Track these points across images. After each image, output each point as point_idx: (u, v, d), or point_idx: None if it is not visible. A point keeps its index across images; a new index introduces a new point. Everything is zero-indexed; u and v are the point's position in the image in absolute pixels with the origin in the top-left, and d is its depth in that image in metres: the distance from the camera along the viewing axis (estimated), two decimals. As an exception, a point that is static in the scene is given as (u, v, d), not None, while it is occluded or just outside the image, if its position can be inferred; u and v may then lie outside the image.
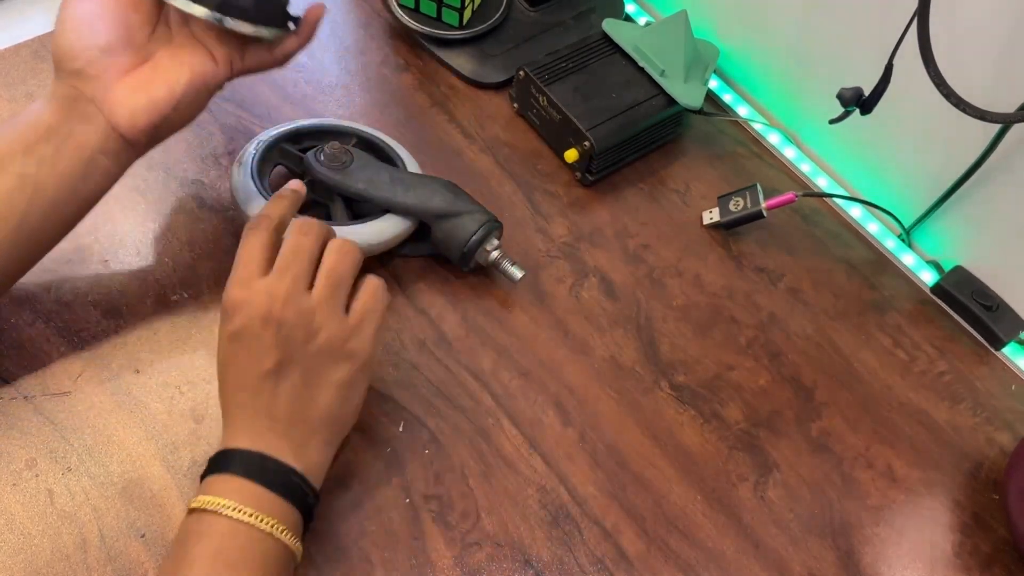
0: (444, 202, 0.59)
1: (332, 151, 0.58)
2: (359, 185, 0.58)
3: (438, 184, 0.59)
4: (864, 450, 0.59)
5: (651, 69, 0.69)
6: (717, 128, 0.75)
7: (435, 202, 0.58)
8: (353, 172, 0.58)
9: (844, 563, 0.54)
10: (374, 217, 0.58)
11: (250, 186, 0.58)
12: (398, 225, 0.59)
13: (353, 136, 0.63)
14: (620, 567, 0.52)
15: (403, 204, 0.58)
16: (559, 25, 0.77)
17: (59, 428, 0.52)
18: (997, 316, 0.64)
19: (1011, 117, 0.53)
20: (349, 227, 0.57)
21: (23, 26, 0.72)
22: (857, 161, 0.71)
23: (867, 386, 0.62)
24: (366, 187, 0.58)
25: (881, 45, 0.55)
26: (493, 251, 0.60)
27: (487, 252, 0.60)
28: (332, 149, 0.58)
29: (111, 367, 0.55)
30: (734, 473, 0.56)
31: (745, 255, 0.67)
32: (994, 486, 0.58)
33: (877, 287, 0.67)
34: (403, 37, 0.76)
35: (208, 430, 0.53)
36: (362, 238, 0.56)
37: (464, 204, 0.59)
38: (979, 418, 0.61)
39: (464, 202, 0.59)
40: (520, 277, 0.60)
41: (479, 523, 0.52)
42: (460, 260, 0.60)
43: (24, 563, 0.48)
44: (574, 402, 0.58)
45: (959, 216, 0.65)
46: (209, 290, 0.59)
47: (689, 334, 0.62)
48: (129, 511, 0.50)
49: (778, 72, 0.73)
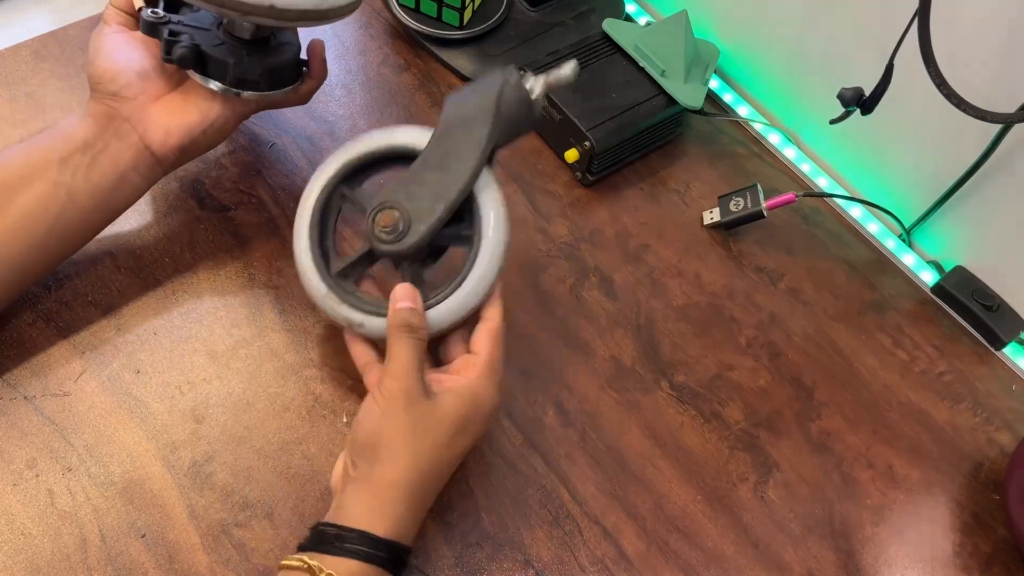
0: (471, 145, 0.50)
1: (384, 219, 0.50)
2: (423, 238, 0.50)
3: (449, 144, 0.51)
4: (864, 450, 0.59)
5: (651, 69, 0.69)
6: (717, 128, 0.75)
7: (468, 159, 0.50)
8: (415, 226, 0.50)
9: (844, 563, 0.54)
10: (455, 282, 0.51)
11: (308, 264, 0.52)
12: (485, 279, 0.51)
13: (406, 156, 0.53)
14: (620, 567, 0.52)
15: (462, 197, 0.50)
16: (559, 25, 0.77)
17: (59, 428, 0.52)
18: (997, 316, 0.64)
19: (1012, 117, 0.53)
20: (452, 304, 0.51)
21: (23, 26, 0.72)
22: (857, 161, 0.71)
23: (867, 386, 0.62)
24: (429, 229, 0.50)
25: (881, 45, 0.55)
26: (536, 88, 0.51)
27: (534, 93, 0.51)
28: (383, 216, 0.50)
29: (111, 367, 0.55)
30: (734, 473, 0.56)
31: (745, 255, 0.67)
32: (994, 486, 0.58)
33: (877, 287, 0.67)
34: (403, 37, 0.76)
35: (208, 430, 0.54)
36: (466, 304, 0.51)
37: (475, 104, 0.50)
38: (979, 418, 0.61)
39: (474, 104, 0.50)
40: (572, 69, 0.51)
41: (479, 523, 0.52)
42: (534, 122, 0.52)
43: (24, 563, 0.48)
44: (574, 402, 0.58)
45: (960, 216, 0.65)
46: (209, 290, 0.59)
47: (689, 334, 0.62)
48: (129, 511, 0.50)
49: (778, 72, 0.73)
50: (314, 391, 0.56)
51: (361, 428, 0.46)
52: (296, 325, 0.58)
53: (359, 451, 0.46)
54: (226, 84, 0.54)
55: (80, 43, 0.70)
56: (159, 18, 0.53)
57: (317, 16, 0.51)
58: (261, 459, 0.53)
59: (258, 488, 0.52)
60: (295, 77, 0.58)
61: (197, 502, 0.51)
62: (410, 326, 0.48)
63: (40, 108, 0.66)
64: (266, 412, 0.55)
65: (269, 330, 0.58)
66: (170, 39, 0.52)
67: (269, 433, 0.54)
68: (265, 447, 0.53)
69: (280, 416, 0.55)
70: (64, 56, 0.69)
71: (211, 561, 0.49)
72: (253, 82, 0.55)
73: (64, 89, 0.67)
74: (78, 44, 0.70)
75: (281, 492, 0.52)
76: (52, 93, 0.67)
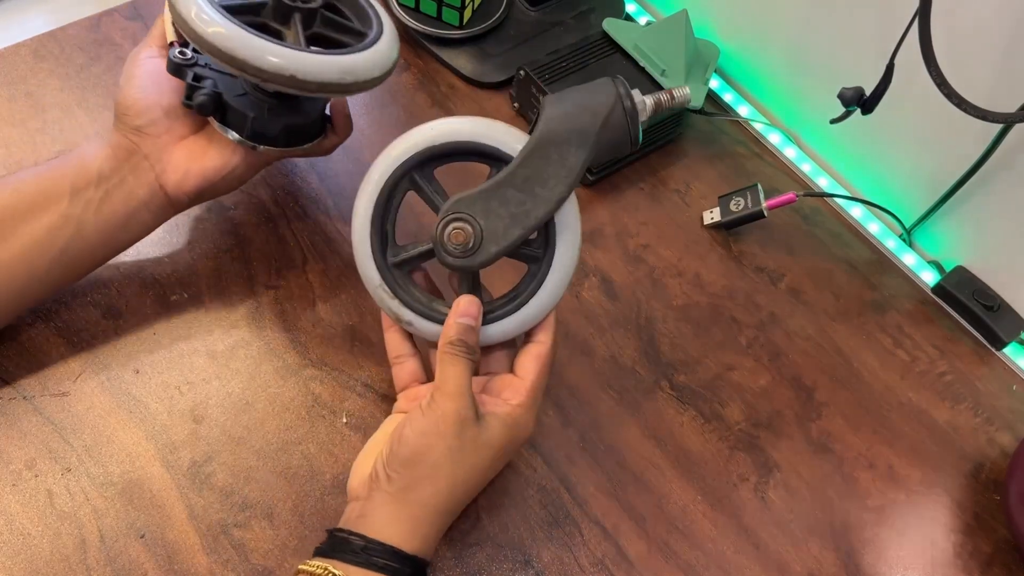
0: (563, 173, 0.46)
1: (456, 235, 0.47)
2: (492, 259, 0.47)
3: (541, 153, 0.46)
4: (865, 450, 0.58)
5: (652, 69, 0.69)
6: (717, 128, 0.75)
7: (556, 187, 0.45)
8: (486, 245, 0.47)
9: (844, 563, 0.54)
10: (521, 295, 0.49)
11: (366, 249, 0.49)
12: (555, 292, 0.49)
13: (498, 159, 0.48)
14: (620, 567, 0.52)
15: (540, 224, 0.47)
16: (559, 25, 0.77)
17: (59, 428, 0.52)
18: (998, 316, 0.64)
19: (1012, 117, 0.53)
20: (509, 324, 0.49)
21: (23, 26, 0.72)
22: (858, 161, 0.71)
23: (868, 386, 0.62)
24: (500, 251, 0.47)
25: (882, 45, 0.55)
26: (648, 100, 0.48)
27: (643, 112, 0.48)
28: (456, 233, 0.47)
29: (111, 367, 0.55)
30: (735, 473, 0.56)
31: (745, 255, 0.67)
32: (995, 487, 0.58)
33: (878, 287, 0.67)
34: (403, 37, 0.76)
35: (208, 430, 0.53)
36: (524, 326, 0.50)
37: (578, 122, 0.45)
38: (980, 418, 0.61)
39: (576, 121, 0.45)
40: (686, 95, 0.49)
41: (479, 523, 0.52)
42: (633, 145, 0.47)
43: (24, 563, 0.48)
44: (574, 402, 0.58)
45: (960, 216, 0.65)
46: (208, 290, 0.59)
47: (689, 334, 0.62)
48: (129, 511, 0.50)
49: (779, 72, 0.73)
50: (314, 391, 0.56)
51: (405, 442, 0.45)
52: (296, 325, 0.58)
53: (399, 464, 0.45)
54: (243, 136, 0.53)
55: (79, 43, 0.70)
56: (186, 60, 0.51)
57: (339, 90, 0.50)
58: (260, 459, 0.53)
59: (257, 488, 0.52)
60: (318, 132, 0.57)
61: (196, 502, 0.51)
62: (467, 345, 0.46)
63: (39, 107, 0.66)
64: (265, 412, 0.55)
65: (269, 330, 0.58)
66: (193, 83, 0.51)
67: (268, 433, 0.54)
68: (264, 447, 0.53)
69: (279, 416, 0.55)
70: (63, 56, 0.69)
71: (210, 561, 0.49)
72: (271, 138, 0.53)
73: (63, 89, 0.67)
74: (77, 44, 0.70)
75: (280, 492, 0.52)
76: (51, 93, 0.67)
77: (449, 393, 0.45)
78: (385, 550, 0.43)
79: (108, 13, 0.73)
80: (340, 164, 0.66)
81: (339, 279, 0.60)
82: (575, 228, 0.49)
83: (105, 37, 0.71)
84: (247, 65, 0.47)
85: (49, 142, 0.64)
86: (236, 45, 0.47)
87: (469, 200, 0.46)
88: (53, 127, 0.65)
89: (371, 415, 0.55)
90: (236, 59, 0.47)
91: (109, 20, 0.73)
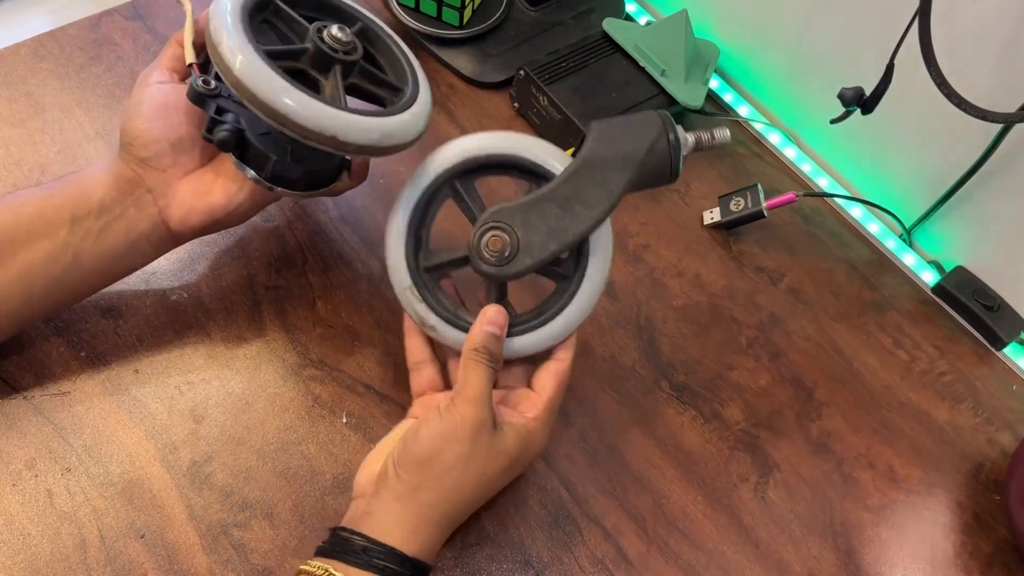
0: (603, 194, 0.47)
1: (494, 243, 0.47)
2: (526, 270, 0.48)
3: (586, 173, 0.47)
4: (865, 450, 0.58)
5: (651, 69, 0.69)
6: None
7: (596, 206, 0.47)
8: (521, 256, 0.48)
9: (844, 563, 0.54)
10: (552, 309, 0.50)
11: (399, 251, 0.50)
12: (587, 304, 0.50)
13: (539, 175, 0.50)
14: (620, 567, 0.52)
15: (577, 242, 0.48)
16: (559, 25, 0.77)
17: (59, 428, 0.52)
18: (998, 316, 0.64)
19: (1012, 117, 0.53)
20: (534, 339, 0.50)
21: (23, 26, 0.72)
22: (858, 161, 0.71)
23: (868, 386, 0.62)
24: (534, 264, 0.48)
25: (882, 45, 0.55)
26: (690, 137, 0.49)
27: (685, 147, 0.48)
28: (494, 240, 0.47)
29: (111, 367, 0.55)
30: (735, 473, 0.56)
31: (745, 255, 0.67)
32: (995, 486, 0.58)
33: (878, 287, 0.67)
34: (403, 36, 0.76)
35: (208, 430, 0.53)
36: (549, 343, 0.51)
37: (622, 149, 0.47)
38: (980, 418, 0.61)
39: (621, 148, 0.47)
40: (726, 135, 0.49)
41: (479, 523, 0.52)
42: (671, 179, 0.49)
43: (24, 563, 0.48)
44: (574, 402, 0.58)
45: (960, 216, 0.65)
46: (208, 290, 0.59)
47: (689, 334, 0.62)
48: (129, 511, 0.50)
49: (779, 72, 0.73)
50: (314, 391, 0.56)
51: (420, 442, 0.45)
52: (296, 325, 0.58)
53: (410, 464, 0.45)
54: (261, 177, 0.50)
55: (79, 43, 0.70)
56: (209, 90, 0.48)
57: (377, 152, 0.47)
58: (260, 459, 0.53)
59: (257, 488, 0.52)
60: (335, 177, 0.54)
61: (196, 502, 0.51)
62: (491, 353, 0.46)
63: (39, 107, 0.66)
64: (265, 412, 0.55)
65: (269, 330, 0.58)
66: (215, 117, 0.48)
67: (268, 433, 0.54)
68: (264, 447, 0.53)
69: (279, 416, 0.55)
70: (63, 56, 0.69)
71: (210, 561, 0.49)
72: (291, 181, 0.51)
73: (63, 89, 0.67)
74: (77, 44, 0.70)
75: (280, 492, 0.52)
76: (51, 93, 0.67)
77: (469, 398, 0.45)
78: (386, 551, 0.43)
79: (108, 13, 0.73)
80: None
81: (339, 279, 0.60)
82: (607, 252, 0.50)
83: (105, 37, 0.71)
84: (288, 120, 0.44)
85: (49, 142, 0.64)
86: (277, 98, 0.44)
87: (510, 211, 0.47)
88: (53, 127, 0.65)
89: (371, 415, 0.55)
90: (278, 113, 0.44)
91: (109, 20, 0.73)
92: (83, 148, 0.65)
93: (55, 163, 0.64)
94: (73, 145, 0.65)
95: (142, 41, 0.72)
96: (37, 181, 0.62)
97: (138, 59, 0.71)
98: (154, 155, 0.49)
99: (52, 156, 0.64)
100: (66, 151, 0.64)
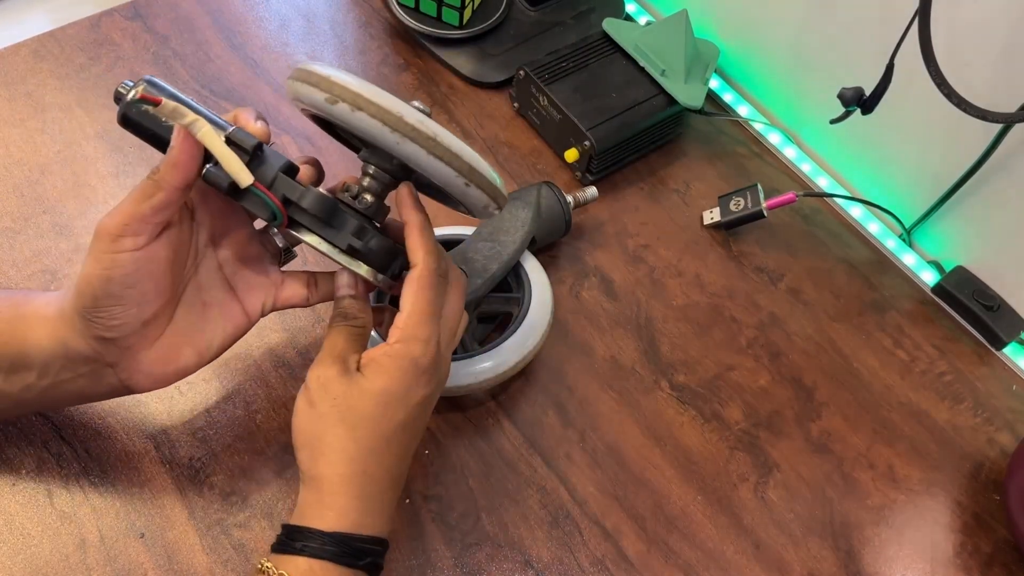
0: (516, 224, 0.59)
1: None
2: (479, 291, 0.56)
3: None
4: (865, 450, 0.58)
5: (651, 69, 0.69)
6: (717, 128, 0.75)
7: (514, 233, 0.59)
8: (473, 279, 0.56)
9: (844, 563, 0.54)
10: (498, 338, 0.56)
11: None
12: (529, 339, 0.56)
13: None
14: (620, 567, 0.52)
15: (511, 261, 0.58)
16: (559, 25, 0.77)
17: (59, 428, 0.52)
18: (998, 316, 0.64)
19: (1012, 117, 0.53)
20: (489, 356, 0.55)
21: (23, 26, 0.72)
22: (858, 161, 0.71)
23: (867, 386, 0.62)
24: (484, 283, 0.57)
25: (882, 45, 0.55)
26: (570, 198, 0.63)
27: (570, 203, 0.63)
28: None
29: (111, 367, 0.55)
30: (734, 473, 0.56)
31: (745, 255, 0.67)
32: (995, 486, 0.58)
33: (878, 287, 0.67)
34: (403, 36, 0.76)
35: (208, 430, 0.53)
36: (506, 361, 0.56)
37: (518, 197, 0.61)
38: (980, 418, 0.61)
39: (517, 198, 0.61)
40: (593, 193, 0.65)
41: (479, 523, 0.52)
42: (566, 230, 0.64)
43: (23, 563, 0.48)
44: (574, 402, 0.58)
45: (960, 216, 0.65)
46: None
47: (689, 334, 0.62)
48: (129, 511, 0.50)
49: (779, 72, 0.73)
50: (314, 391, 0.56)
51: (293, 427, 0.43)
52: (296, 325, 0.58)
53: (297, 451, 0.43)
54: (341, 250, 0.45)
55: (79, 43, 0.70)
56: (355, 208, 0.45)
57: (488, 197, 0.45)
58: (260, 459, 0.53)
59: (257, 488, 0.52)
60: (386, 271, 0.47)
61: (196, 502, 0.51)
62: (344, 314, 0.45)
63: (39, 107, 0.66)
64: (266, 412, 0.55)
65: (269, 330, 0.58)
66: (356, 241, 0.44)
67: (269, 433, 0.54)
68: (265, 447, 0.53)
69: (280, 416, 0.55)
70: (63, 56, 0.69)
71: (210, 561, 0.49)
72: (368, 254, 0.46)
73: (62, 89, 0.67)
74: (77, 44, 0.70)
75: (280, 492, 0.52)
76: (51, 92, 0.67)
77: (316, 362, 0.44)
78: (301, 533, 0.41)
79: (108, 13, 0.73)
80: (340, 165, 0.66)
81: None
82: (542, 276, 0.59)
83: (105, 37, 0.71)
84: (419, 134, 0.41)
85: (49, 142, 0.64)
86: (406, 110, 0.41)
87: (451, 254, 0.56)
88: (53, 127, 0.65)
89: (371, 415, 0.55)
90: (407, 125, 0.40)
91: (109, 20, 0.73)
92: (83, 148, 0.65)
93: (55, 163, 0.64)
94: (73, 145, 0.65)
95: (142, 41, 0.72)
96: (37, 181, 0.62)
97: (138, 59, 0.71)
98: (120, 335, 0.42)
99: (52, 156, 0.64)
100: (66, 151, 0.64)
